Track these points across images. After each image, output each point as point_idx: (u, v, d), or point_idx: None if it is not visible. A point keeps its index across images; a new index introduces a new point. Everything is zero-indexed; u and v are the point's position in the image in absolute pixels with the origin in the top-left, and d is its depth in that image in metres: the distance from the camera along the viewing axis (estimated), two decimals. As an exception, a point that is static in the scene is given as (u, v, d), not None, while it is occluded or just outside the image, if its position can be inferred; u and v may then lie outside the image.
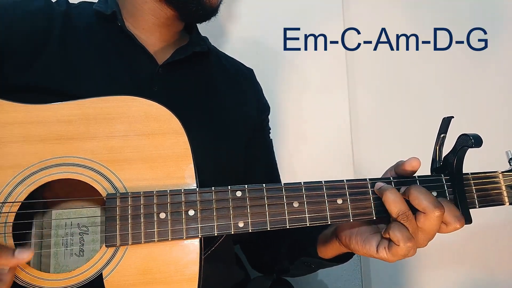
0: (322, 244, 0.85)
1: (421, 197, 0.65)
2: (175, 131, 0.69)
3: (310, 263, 0.91)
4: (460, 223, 0.67)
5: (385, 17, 1.49)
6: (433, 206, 0.64)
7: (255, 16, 1.41)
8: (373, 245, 0.70)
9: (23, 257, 0.57)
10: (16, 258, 0.56)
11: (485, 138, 0.68)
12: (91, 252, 0.71)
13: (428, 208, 0.64)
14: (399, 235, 0.64)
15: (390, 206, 0.66)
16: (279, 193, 0.67)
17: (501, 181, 0.74)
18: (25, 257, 0.57)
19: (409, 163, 0.70)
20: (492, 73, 1.50)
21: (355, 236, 0.74)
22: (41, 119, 0.67)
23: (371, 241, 0.71)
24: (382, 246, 0.69)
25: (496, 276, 1.42)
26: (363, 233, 0.73)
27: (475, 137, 0.67)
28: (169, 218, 0.64)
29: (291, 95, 1.40)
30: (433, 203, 0.64)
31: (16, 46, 0.79)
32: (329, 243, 0.82)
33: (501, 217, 1.40)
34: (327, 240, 0.82)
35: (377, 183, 0.69)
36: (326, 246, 0.83)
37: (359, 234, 0.74)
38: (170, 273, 0.64)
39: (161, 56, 0.90)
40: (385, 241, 0.69)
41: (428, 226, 0.65)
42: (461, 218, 0.67)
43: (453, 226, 0.67)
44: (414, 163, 0.70)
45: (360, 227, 0.75)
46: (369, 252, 0.71)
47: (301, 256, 0.90)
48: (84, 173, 0.66)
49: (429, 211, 0.64)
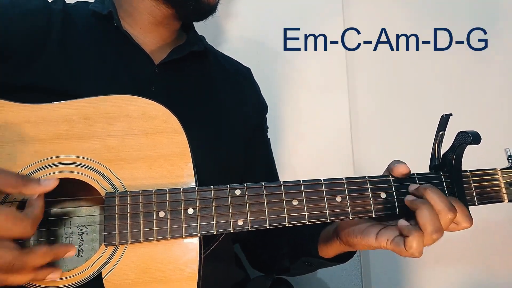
0: (323, 243, 0.85)
1: (436, 199, 0.65)
2: (174, 130, 0.69)
3: (311, 263, 0.91)
4: (470, 223, 0.68)
5: (385, 17, 1.49)
6: (447, 209, 0.65)
7: (255, 16, 1.41)
8: (372, 235, 0.71)
9: (49, 184, 0.60)
10: (42, 185, 0.60)
11: (484, 136, 0.68)
12: (90, 251, 0.71)
13: (443, 210, 0.65)
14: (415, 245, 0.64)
15: (425, 221, 0.65)
16: (278, 191, 0.67)
17: (500, 178, 0.74)
18: (50, 183, 0.60)
19: (396, 169, 0.71)
20: (492, 73, 1.50)
21: (353, 230, 0.74)
22: (40, 118, 0.67)
23: (370, 232, 0.71)
24: (384, 236, 0.69)
25: (496, 275, 1.42)
26: (362, 226, 0.74)
27: (474, 134, 0.67)
28: (168, 217, 0.64)
29: (291, 95, 1.39)
30: (447, 206, 0.65)
31: (15, 46, 0.79)
32: (330, 242, 0.82)
33: (501, 214, 1.40)
34: (328, 239, 0.82)
35: (408, 196, 0.70)
36: (327, 246, 0.83)
37: (359, 229, 0.74)
38: (169, 272, 0.64)
39: (158, 55, 0.90)
40: (391, 234, 0.68)
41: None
42: (471, 218, 0.68)
43: (463, 225, 0.68)
44: (401, 169, 0.71)
45: (361, 224, 0.75)
46: (368, 242, 0.71)
47: (302, 256, 0.90)
48: (83, 172, 0.66)
49: (444, 214, 0.65)
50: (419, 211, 0.65)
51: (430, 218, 0.64)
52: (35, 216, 0.58)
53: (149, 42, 0.92)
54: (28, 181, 0.59)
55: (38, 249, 0.57)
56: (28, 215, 0.57)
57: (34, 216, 0.58)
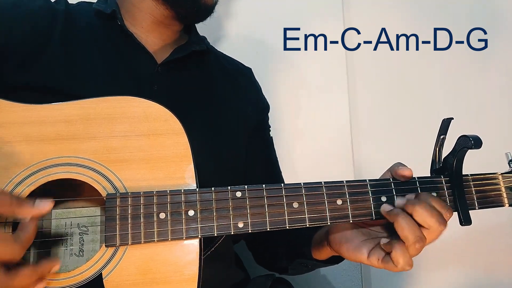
0: (316, 246, 0.85)
1: (425, 215, 0.64)
2: (175, 131, 0.69)
3: (306, 264, 0.91)
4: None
5: (385, 17, 1.49)
6: (438, 224, 0.64)
7: (255, 16, 1.41)
8: (364, 253, 0.70)
9: (44, 207, 0.58)
10: (37, 207, 0.58)
11: (485, 139, 0.68)
12: (90, 252, 0.71)
13: (433, 226, 0.64)
14: (401, 260, 0.64)
15: (404, 232, 0.64)
16: (279, 193, 0.67)
17: (500, 183, 0.74)
18: (45, 206, 0.58)
19: (400, 171, 0.70)
20: (492, 73, 1.50)
21: (345, 243, 0.74)
22: (42, 119, 0.67)
23: (362, 249, 0.71)
24: (375, 255, 0.69)
25: (496, 276, 1.42)
26: (354, 240, 0.73)
27: (475, 139, 0.67)
28: (169, 218, 0.65)
29: (291, 95, 1.40)
30: (438, 221, 0.64)
31: (17, 46, 0.79)
32: (321, 247, 0.82)
33: (501, 218, 1.40)
34: (320, 244, 0.83)
35: (384, 205, 0.69)
36: (319, 250, 0.84)
37: (349, 241, 0.73)
38: (170, 273, 0.64)
39: (161, 55, 0.90)
40: (381, 253, 0.68)
41: (430, 239, 0.66)
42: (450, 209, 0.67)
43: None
44: (405, 172, 0.70)
45: (351, 233, 0.74)
46: (360, 259, 0.71)
47: (297, 257, 0.91)
48: (84, 173, 0.66)
49: (435, 229, 0.64)
50: (396, 224, 0.65)
51: (409, 227, 0.64)
52: (26, 240, 0.56)
53: (152, 42, 0.92)
54: (22, 203, 0.58)
55: (23, 270, 0.56)
56: (19, 239, 0.56)
57: (25, 240, 0.56)
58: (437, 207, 0.66)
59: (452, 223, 0.68)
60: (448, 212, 0.66)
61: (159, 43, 0.94)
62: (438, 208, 0.66)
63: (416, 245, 0.63)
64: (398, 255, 0.64)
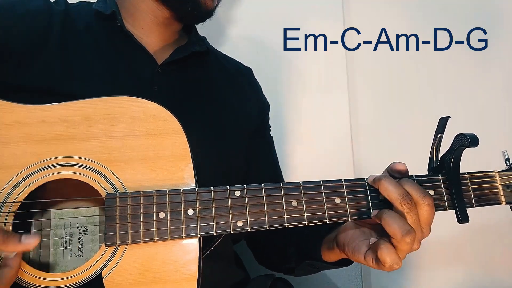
0: (326, 249, 0.85)
1: (387, 186, 0.66)
2: (174, 131, 0.70)
3: (314, 265, 0.91)
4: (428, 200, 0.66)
5: (385, 17, 1.49)
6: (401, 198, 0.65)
7: (255, 16, 1.41)
8: (361, 253, 0.71)
9: (30, 242, 0.57)
10: (23, 243, 0.57)
11: (483, 138, 0.68)
12: (90, 252, 0.71)
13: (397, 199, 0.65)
14: (388, 259, 0.64)
15: (389, 193, 0.65)
16: (277, 192, 0.68)
17: (497, 181, 0.74)
18: (31, 242, 0.57)
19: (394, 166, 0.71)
20: (492, 73, 1.50)
21: (348, 243, 0.74)
22: (41, 119, 0.67)
23: (360, 249, 0.71)
24: (369, 256, 0.69)
25: (496, 275, 1.42)
26: (355, 240, 0.74)
27: (472, 137, 0.67)
28: (168, 218, 0.65)
29: (291, 95, 1.40)
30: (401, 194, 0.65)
31: (16, 46, 0.79)
32: (331, 249, 0.82)
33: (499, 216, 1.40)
34: (330, 246, 0.82)
35: (370, 176, 0.70)
36: (330, 252, 0.83)
37: (351, 241, 0.74)
38: (169, 273, 0.65)
39: (161, 56, 0.90)
40: (373, 253, 0.68)
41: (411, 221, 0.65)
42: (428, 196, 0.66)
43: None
44: (398, 166, 0.70)
45: (353, 233, 0.75)
46: (358, 259, 0.72)
47: (306, 259, 0.90)
48: (83, 173, 0.66)
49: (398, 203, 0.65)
50: (383, 221, 0.65)
51: (394, 221, 0.63)
52: (9, 278, 0.56)
53: (152, 43, 0.92)
54: (8, 237, 0.56)
55: None
56: (2, 277, 0.55)
57: (9, 278, 0.56)
58: (406, 186, 0.66)
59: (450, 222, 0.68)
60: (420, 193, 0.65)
61: (159, 44, 0.94)
62: (406, 187, 0.66)
63: (406, 239, 0.62)
64: (384, 254, 0.64)
